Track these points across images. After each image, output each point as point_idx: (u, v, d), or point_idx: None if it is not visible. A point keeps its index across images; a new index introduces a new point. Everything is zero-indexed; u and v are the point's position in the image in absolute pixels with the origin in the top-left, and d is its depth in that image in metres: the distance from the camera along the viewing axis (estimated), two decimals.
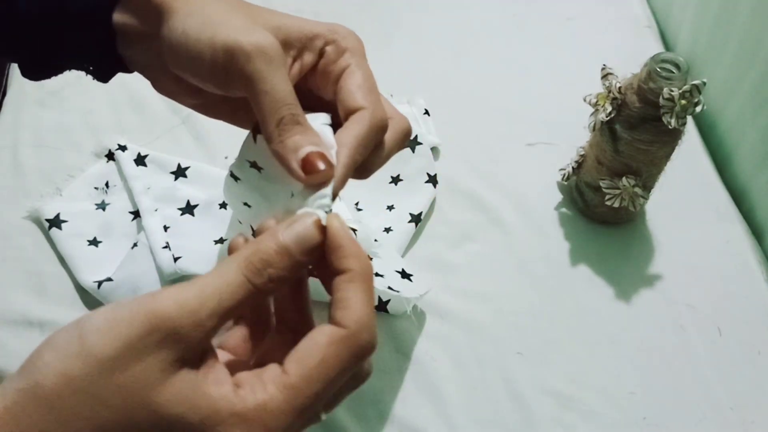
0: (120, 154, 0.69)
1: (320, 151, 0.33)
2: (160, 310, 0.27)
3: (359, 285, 0.30)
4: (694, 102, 0.55)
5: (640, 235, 0.67)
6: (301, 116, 0.34)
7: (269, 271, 0.29)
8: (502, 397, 0.57)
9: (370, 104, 0.35)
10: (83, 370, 0.26)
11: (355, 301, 0.30)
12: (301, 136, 0.33)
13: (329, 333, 0.29)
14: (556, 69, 0.81)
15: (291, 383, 0.28)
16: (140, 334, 0.26)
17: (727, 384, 0.58)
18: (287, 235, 0.30)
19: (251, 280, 0.29)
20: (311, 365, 0.28)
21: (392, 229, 0.64)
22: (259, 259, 0.29)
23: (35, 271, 0.63)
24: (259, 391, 0.28)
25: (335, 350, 0.28)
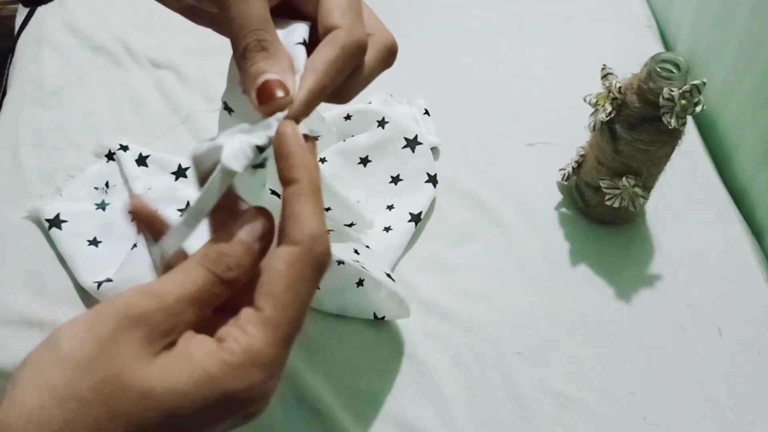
0: (121, 154, 0.69)
1: (278, 78, 0.31)
2: (126, 303, 0.27)
3: (307, 197, 0.29)
4: (694, 102, 0.55)
5: (640, 235, 0.67)
6: (268, 41, 0.32)
7: (226, 260, 0.29)
8: (502, 397, 0.57)
9: (346, 23, 0.33)
10: (64, 377, 0.26)
11: (305, 213, 0.29)
12: (265, 62, 0.32)
13: (285, 256, 0.29)
14: (556, 69, 0.81)
15: (268, 317, 0.28)
16: (111, 328, 0.27)
17: (727, 384, 0.58)
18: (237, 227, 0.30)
19: (210, 269, 0.29)
20: (280, 293, 0.28)
21: (392, 228, 0.64)
22: (215, 251, 0.30)
23: (35, 271, 0.63)
24: (240, 336, 0.28)
25: (297, 270, 0.29)
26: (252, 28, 0.32)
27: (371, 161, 0.68)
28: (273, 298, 0.28)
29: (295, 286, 0.28)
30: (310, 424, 0.55)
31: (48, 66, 0.80)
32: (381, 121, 0.69)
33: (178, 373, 0.27)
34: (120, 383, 0.26)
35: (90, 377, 0.26)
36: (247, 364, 0.27)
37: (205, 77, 0.79)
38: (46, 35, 0.83)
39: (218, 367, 0.27)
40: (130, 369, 0.26)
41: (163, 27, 0.85)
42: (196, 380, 0.27)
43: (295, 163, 0.30)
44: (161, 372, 0.27)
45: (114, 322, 0.27)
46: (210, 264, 0.29)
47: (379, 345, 0.58)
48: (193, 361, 0.27)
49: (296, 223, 0.29)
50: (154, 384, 0.26)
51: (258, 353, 0.27)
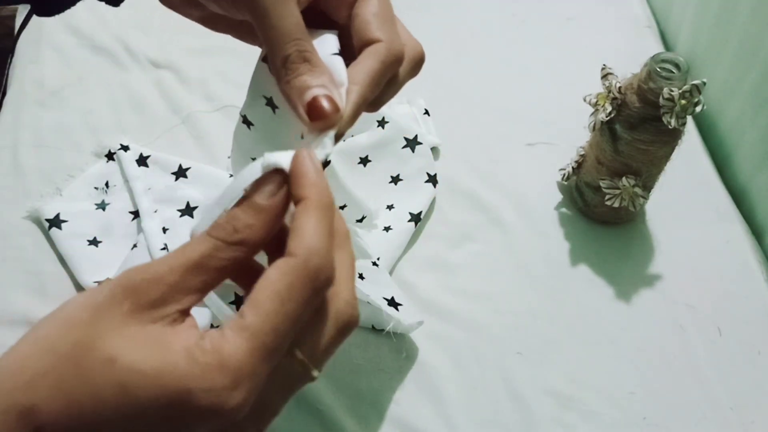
0: (122, 154, 0.69)
1: (328, 93, 0.31)
2: (123, 275, 0.28)
3: (313, 213, 0.29)
4: (694, 102, 0.55)
5: (640, 235, 0.67)
6: (309, 52, 0.32)
7: (234, 223, 0.29)
8: (502, 397, 0.57)
9: (386, 36, 0.34)
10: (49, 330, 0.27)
11: (307, 228, 0.28)
12: (309, 75, 0.32)
13: (279, 265, 0.28)
14: (556, 69, 0.81)
15: (246, 324, 0.27)
16: (105, 297, 0.27)
17: (727, 384, 0.58)
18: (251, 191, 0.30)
19: (214, 235, 0.29)
20: (261, 300, 0.27)
21: (392, 228, 0.64)
22: (225, 218, 0.29)
23: (35, 271, 0.63)
24: (216, 339, 0.27)
25: (286, 280, 0.27)
26: (292, 38, 0.32)
27: (371, 161, 0.68)
28: (255, 305, 0.27)
29: (280, 296, 0.27)
30: (310, 424, 0.55)
31: (48, 66, 0.80)
32: (381, 121, 0.69)
33: (146, 352, 0.26)
34: (92, 346, 0.26)
35: (70, 334, 0.27)
36: (212, 365, 0.26)
37: (205, 77, 0.79)
38: (46, 35, 0.83)
39: (186, 363, 0.26)
40: (106, 334, 0.27)
41: (163, 27, 0.85)
42: (160, 367, 0.26)
43: (307, 183, 0.29)
44: (131, 344, 0.26)
45: (108, 291, 0.28)
46: (216, 231, 0.29)
47: (379, 345, 0.58)
48: (167, 349, 0.26)
49: (296, 236, 0.29)
50: (120, 353, 0.26)
51: (227, 357, 0.26)
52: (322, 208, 0.29)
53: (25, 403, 0.26)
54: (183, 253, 0.28)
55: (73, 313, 0.28)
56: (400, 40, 0.35)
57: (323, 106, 0.31)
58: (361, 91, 0.33)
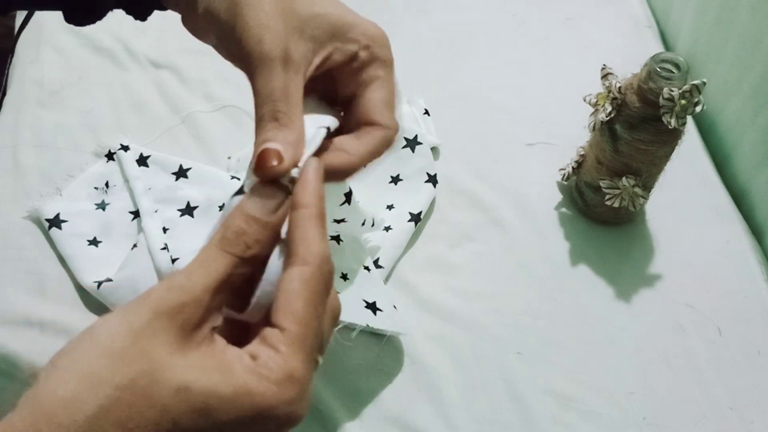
0: (122, 154, 0.69)
1: (278, 148, 0.33)
2: (156, 297, 0.28)
3: (316, 221, 0.32)
4: (694, 102, 0.55)
5: (640, 235, 0.67)
6: (281, 112, 0.34)
7: (244, 239, 0.31)
8: (502, 397, 0.57)
9: (389, 122, 0.37)
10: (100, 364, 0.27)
11: (314, 237, 0.31)
12: (273, 132, 0.34)
13: (299, 275, 0.30)
14: (556, 69, 0.81)
15: (295, 335, 0.29)
16: (145, 322, 0.28)
17: (727, 384, 0.58)
18: (249, 204, 0.32)
19: (230, 251, 0.30)
20: (299, 310, 0.30)
21: (392, 228, 0.64)
22: (232, 232, 0.31)
23: (35, 271, 0.63)
24: (275, 356, 0.29)
25: (311, 288, 0.30)
26: (270, 100, 0.34)
27: None
28: (295, 316, 0.30)
29: (312, 302, 0.30)
30: (310, 424, 0.55)
31: (48, 66, 0.80)
32: None
33: (217, 376, 0.28)
34: (157, 376, 0.27)
35: (126, 367, 0.27)
36: (285, 381, 0.28)
37: (205, 77, 0.79)
38: (46, 35, 0.83)
39: (258, 384, 0.28)
40: (167, 363, 0.27)
41: (163, 27, 0.85)
42: (236, 390, 0.28)
43: (310, 191, 0.32)
44: (199, 370, 0.28)
45: (147, 316, 0.28)
46: (229, 246, 0.30)
47: (379, 345, 0.58)
48: (233, 372, 0.28)
49: (307, 245, 0.31)
50: (191, 379, 0.27)
51: (294, 370, 0.29)
52: (321, 217, 0.32)
53: None
54: (207, 271, 0.30)
55: (115, 344, 0.27)
56: (396, 126, 0.38)
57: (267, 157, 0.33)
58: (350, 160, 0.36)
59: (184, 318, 0.28)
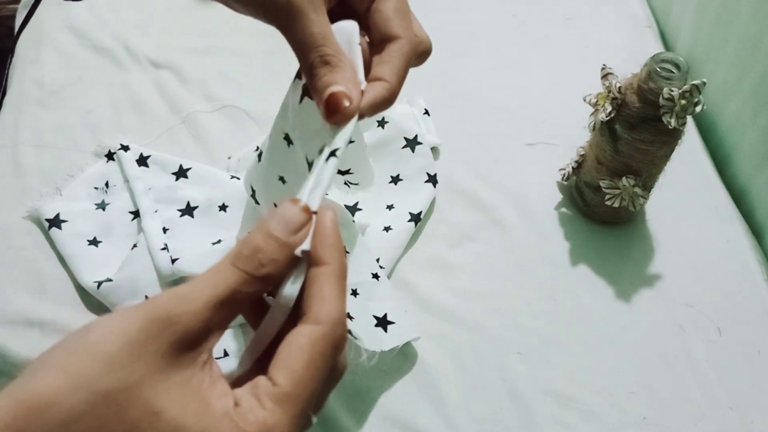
0: (122, 154, 0.69)
1: (343, 90, 0.34)
2: (156, 304, 0.27)
3: (335, 280, 0.30)
4: (694, 102, 0.55)
5: (640, 235, 0.67)
6: (330, 55, 0.35)
7: (259, 256, 0.29)
8: (502, 397, 0.57)
9: (405, 33, 0.37)
10: (84, 367, 0.26)
11: (332, 296, 0.30)
12: (329, 76, 0.34)
13: (308, 333, 0.29)
14: (556, 69, 0.81)
15: (285, 393, 0.28)
16: (138, 328, 0.27)
17: (727, 384, 0.58)
18: (272, 221, 0.30)
19: (242, 268, 0.29)
20: (299, 370, 0.28)
21: (392, 228, 0.64)
22: (249, 248, 0.29)
23: (35, 271, 0.63)
24: (256, 408, 0.28)
25: (318, 349, 0.29)
26: (315, 46, 0.34)
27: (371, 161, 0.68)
28: (292, 373, 0.28)
29: (315, 364, 0.29)
30: None
31: (48, 66, 0.80)
32: (381, 121, 0.69)
33: (192, 410, 0.27)
34: (136, 393, 0.26)
35: (108, 375, 0.26)
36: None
37: (205, 77, 0.79)
38: (46, 35, 0.83)
39: (228, 428, 0.27)
40: (150, 381, 0.26)
41: (163, 27, 0.85)
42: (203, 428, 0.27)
43: (330, 245, 0.31)
44: (178, 399, 0.27)
45: (141, 323, 0.27)
46: (242, 263, 0.29)
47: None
48: (210, 410, 0.27)
49: (322, 304, 0.29)
50: (167, 407, 0.26)
51: (271, 428, 0.27)
52: (341, 276, 0.31)
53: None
54: (213, 284, 0.28)
55: (106, 348, 0.26)
56: (418, 37, 0.38)
57: (338, 100, 0.33)
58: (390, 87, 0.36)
59: (180, 330, 0.27)
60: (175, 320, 0.27)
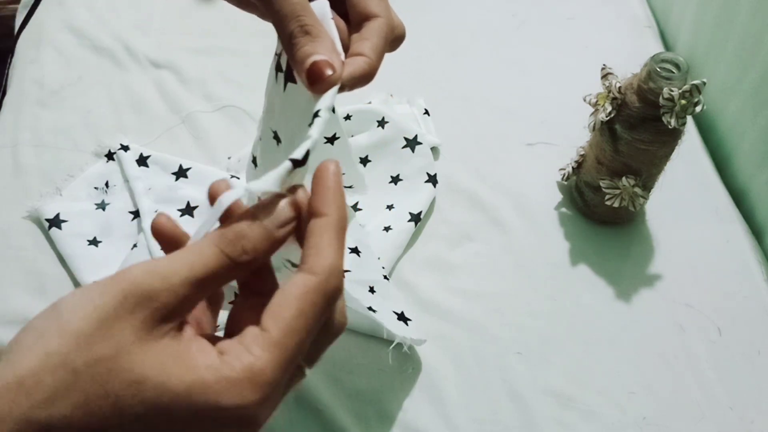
0: (122, 154, 0.69)
1: (326, 59, 0.34)
2: (131, 278, 0.27)
3: (333, 232, 0.30)
4: (694, 102, 0.55)
5: (640, 235, 0.67)
6: (310, 25, 0.35)
7: (243, 243, 0.29)
8: (502, 397, 0.57)
9: (384, 12, 0.38)
10: (60, 345, 0.26)
11: (328, 248, 0.30)
12: (311, 45, 0.34)
13: (301, 283, 0.29)
14: (556, 69, 0.81)
15: (273, 340, 0.28)
16: (113, 304, 0.27)
17: (727, 384, 0.58)
18: (260, 210, 0.30)
19: (224, 251, 0.29)
20: (289, 318, 0.28)
21: (392, 228, 0.64)
22: (233, 232, 0.29)
23: (35, 271, 0.63)
24: (243, 354, 0.28)
25: (310, 299, 0.29)
26: (294, 16, 0.34)
27: (371, 161, 0.68)
28: (281, 321, 0.28)
29: (305, 314, 0.29)
30: (310, 424, 0.55)
31: (48, 66, 0.80)
32: (381, 121, 0.69)
33: (175, 371, 0.27)
34: (115, 364, 0.26)
35: (86, 351, 0.26)
36: (245, 382, 0.27)
37: (205, 77, 0.79)
38: (46, 35, 0.83)
39: (215, 380, 0.27)
40: (128, 352, 0.26)
41: (163, 27, 0.85)
42: (190, 385, 0.27)
43: (329, 199, 0.31)
44: (158, 363, 0.27)
45: (116, 298, 0.27)
46: (225, 245, 0.29)
47: (379, 345, 0.58)
48: (192, 366, 0.27)
49: (317, 255, 0.30)
50: (149, 374, 0.26)
51: (258, 374, 0.27)
52: (341, 228, 0.31)
53: (43, 421, 0.25)
54: (191, 265, 0.28)
55: (80, 324, 0.26)
56: (396, 18, 0.38)
57: (321, 69, 0.33)
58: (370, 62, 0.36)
59: (155, 306, 0.27)
60: (152, 296, 0.27)
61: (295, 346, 0.28)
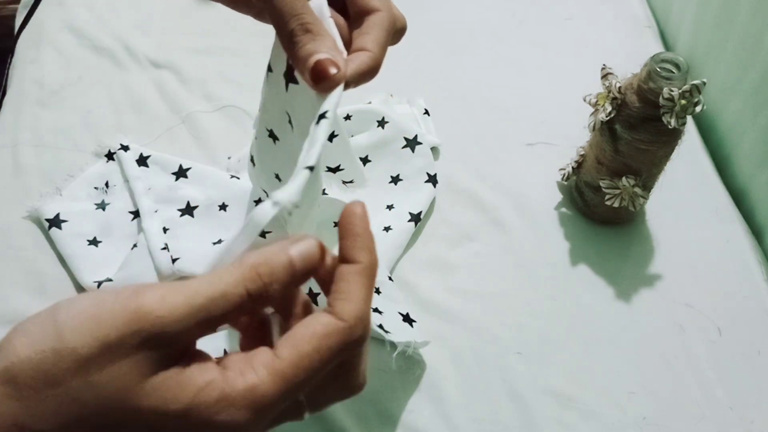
0: (122, 154, 0.69)
1: (329, 57, 0.33)
2: (144, 311, 0.26)
3: (365, 280, 0.30)
4: (694, 102, 0.55)
5: (640, 235, 0.67)
6: (311, 23, 0.34)
7: (273, 286, 0.28)
8: (502, 397, 0.57)
9: (384, 6, 0.37)
10: (59, 366, 0.25)
11: (358, 295, 0.29)
12: (313, 43, 0.34)
13: (326, 323, 0.28)
14: (556, 69, 0.81)
15: (282, 369, 0.27)
16: (121, 335, 0.26)
17: (727, 384, 0.58)
18: (295, 251, 0.29)
19: (250, 290, 0.28)
20: (304, 353, 0.28)
21: (392, 228, 0.64)
22: (268, 271, 0.28)
23: (35, 271, 0.63)
24: (248, 373, 0.27)
25: (330, 342, 0.28)
26: (294, 14, 0.34)
27: (371, 161, 0.68)
28: (296, 354, 0.28)
29: (321, 354, 0.28)
30: (310, 424, 0.55)
31: (48, 66, 0.80)
32: (381, 121, 0.69)
33: (170, 396, 0.26)
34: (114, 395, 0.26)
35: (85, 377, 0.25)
36: (242, 403, 0.27)
37: (205, 77, 0.79)
38: (46, 35, 0.83)
39: (214, 397, 0.26)
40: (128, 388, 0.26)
41: (163, 27, 0.85)
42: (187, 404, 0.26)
43: (362, 246, 0.30)
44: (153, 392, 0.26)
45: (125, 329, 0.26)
46: (253, 285, 0.28)
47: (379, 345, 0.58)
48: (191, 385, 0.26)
49: (349, 302, 0.29)
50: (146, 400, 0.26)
51: (258, 397, 0.27)
52: (371, 276, 0.30)
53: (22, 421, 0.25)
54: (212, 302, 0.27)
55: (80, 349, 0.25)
56: (397, 10, 0.38)
57: (325, 67, 0.33)
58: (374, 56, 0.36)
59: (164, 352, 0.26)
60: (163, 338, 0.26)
61: (300, 381, 0.28)
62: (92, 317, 0.26)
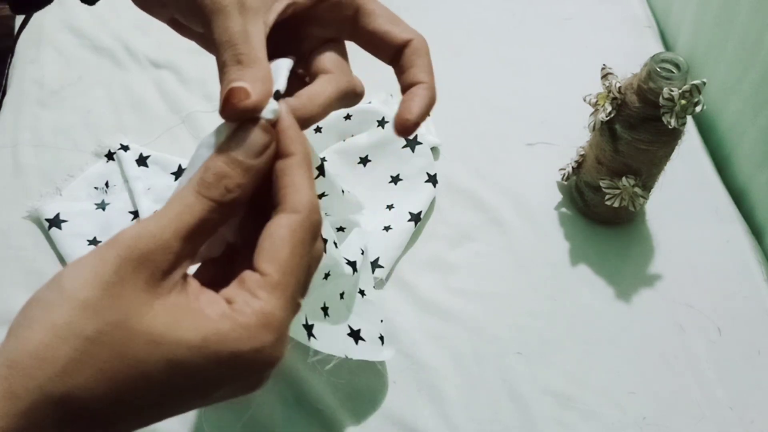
0: (122, 154, 0.69)
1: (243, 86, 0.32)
2: (124, 243, 0.27)
3: (304, 168, 0.31)
4: (694, 102, 0.55)
5: (640, 235, 0.67)
6: (243, 54, 0.33)
7: (224, 182, 0.29)
8: (502, 397, 0.57)
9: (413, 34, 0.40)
10: (69, 315, 0.26)
11: (303, 183, 0.31)
12: (238, 73, 0.33)
13: (288, 223, 0.30)
14: (556, 69, 0.81)
15: (276, 282, 0.29)
16: (113, 270, 0.27)
17: (727, 384, 0.58)
18: (234, 145, 0.30)
19: (208, 195, 0.29)
20: (284, 258, 0.29)
21: (392, 227, 0.64)
22: (212, 174, 0.29)
23: (35, 271, 0.63)
24: (251, 300, 0.28)
25: (299, 236, 0.30)
26: (229, 45, 0.33)
27: (371, 161, 0.68)
28: (279, 263, 0.29)
29: (298, 251, 0.29)
30: (310, 424, 0.55)
31: (48, 66, 0.80)
32: (381, 120, 0.69)
33: (188, 325, 0.27)
34: (128, 327, 0.26)
35: (96, 318, 0.26)
36: (259, 326, 0.28)
37: (205, 77, 0.79)
38: (46, 35, 0.83)
39: (231, 328, 0.27)
40: (138, 314, 0.26)
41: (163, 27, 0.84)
42: (207, 336, 0.27)
43: (292, 138, 0.31)
44: (170, 320, 0.27)
45: (116, 264, 0.27)
46: (206, 190, 0.29)
47: None
48: (205, 318, 0.27)
49: (296, 193, 0.30)
50: (163, 331, 0.26)
51: (269, 316, 0.28)
52: (308, 164, 0.31)
53: (61, 392, 0.25)
54: (179, 216, 0.28)
55: (83, 294, 0.26)
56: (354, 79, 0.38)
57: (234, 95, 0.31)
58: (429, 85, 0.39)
59: (153, 266, 0.27)
60: (147, 257, 0.27)
61: (295, 284, 0.29)
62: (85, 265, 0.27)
